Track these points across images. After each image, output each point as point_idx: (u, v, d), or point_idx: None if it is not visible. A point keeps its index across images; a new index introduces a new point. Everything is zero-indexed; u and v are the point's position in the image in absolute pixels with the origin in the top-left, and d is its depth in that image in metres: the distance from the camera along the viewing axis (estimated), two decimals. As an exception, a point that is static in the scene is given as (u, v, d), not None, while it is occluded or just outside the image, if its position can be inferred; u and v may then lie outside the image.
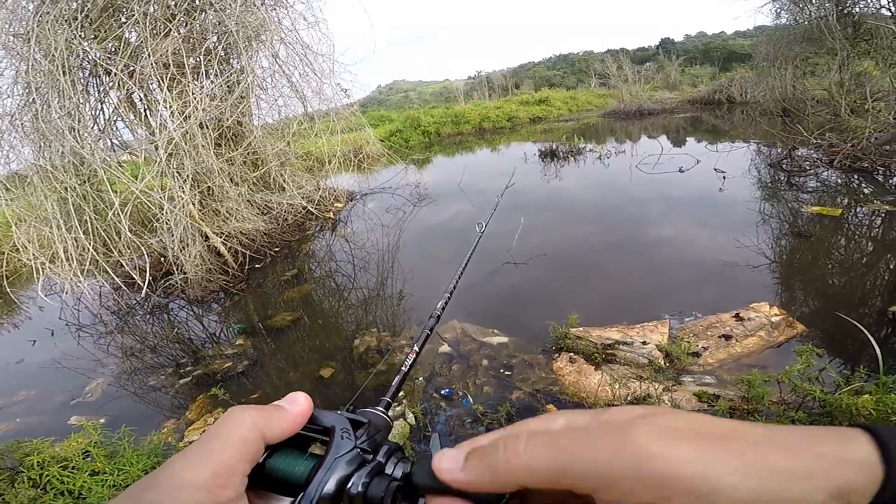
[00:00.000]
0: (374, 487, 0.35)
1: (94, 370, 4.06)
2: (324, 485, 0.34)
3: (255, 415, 0.35)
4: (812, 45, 9.89)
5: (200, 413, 3.16)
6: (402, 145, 13.46)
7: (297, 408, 0.38)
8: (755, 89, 14.59)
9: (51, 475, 1.96)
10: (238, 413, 0.35)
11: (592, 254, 4.93)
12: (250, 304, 4.92)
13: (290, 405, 0.38)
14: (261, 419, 0.35)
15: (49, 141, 4.90)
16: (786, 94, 11.30)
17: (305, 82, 6.77)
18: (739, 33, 36.41)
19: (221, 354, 3.89)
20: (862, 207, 5.08)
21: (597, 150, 10.30)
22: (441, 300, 0.86)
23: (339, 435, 0.38)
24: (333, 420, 0.39)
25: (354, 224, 7.37)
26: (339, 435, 0.38)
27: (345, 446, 0.37)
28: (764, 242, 4.44)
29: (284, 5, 6.70)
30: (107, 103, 5.69)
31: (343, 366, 3.44)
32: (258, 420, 0.35)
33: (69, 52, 4.75)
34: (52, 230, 4.87)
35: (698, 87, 21.22)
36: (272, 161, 6.73)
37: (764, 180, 6.71)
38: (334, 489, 0.34)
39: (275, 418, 0.36)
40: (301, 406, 0.38)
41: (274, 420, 0.36)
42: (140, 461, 2.13)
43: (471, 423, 2.57)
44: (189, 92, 5.03)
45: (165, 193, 4.95)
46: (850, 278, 3.76)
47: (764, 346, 2.92)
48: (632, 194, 6.83)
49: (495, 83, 33.80)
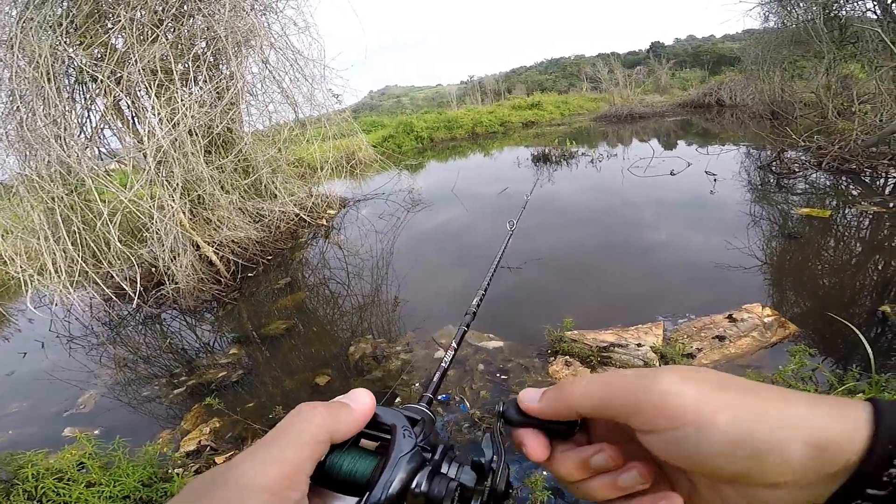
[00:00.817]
0: (435, 487, 0.35)
1: (87, 381, 4.01)
2: (390, 485, 0.34)
3: (324, 413, 0.35)
4: (799, 47, 10.04)
5: (196, 423, 3.13)
6: (395, 151, 13.45)
7: (362, 406, 0.38)
8: (744, 92, 14.79)
9: (46, 487, 1.93)
10: (308, 412, 0.35)
11: (586, 257, 4.94)
12: (243, 312, 4.88)
13: (356, 403, 0.38)
14: (331, 418, 0.35)
15: (34, 150, 4.85)
16: (774, 96, 11.45)
17: (296, 88, 6.76)
18: (728, 37, 36.78)
19: (215, 364, 3.85)
20: (850, 209, 5.14)
21: (589, 154, 10.35)
22: (476, 297, 0.89)
23: (401, 433, 0.38)
24: (393, 418, 0.39)
25: (348, 231, 7.33)
26: (401, 433, 0.38)
27: (407, 445, 0.37)
28: (755, 244, 4.47)
29: (274, 10, 6.70)
30: (93, 111, 5.64)
31: (338, 373, 3.42)
32: (328, 419, 0.35)
33: (54, 58, 4.70)
34: (39, 242, 4.81)
35: (688, 91, 21.46)
36: (263, 168, 6.70)
37: (754, 182, 6.77)
38: (399, 489, 0.34)
39: (342, 418, 0.36)
40: (366, 405, 0.38)
41: (342, 419, 0.36)
42: (136, 472, 2.11)
43: (468, 427, 2.55)
44: (178, 98, 4.98)
45: (155, 202, 4.90)
46: (840, 279, 3.79)
47: (757, 346, 2.93)
48: (624, 197, 6.86)
49: (488, 87, 33.97)
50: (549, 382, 2.87)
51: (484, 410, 2.63)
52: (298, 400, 2.92)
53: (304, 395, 3.20)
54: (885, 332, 2.93)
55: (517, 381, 2.94)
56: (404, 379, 3.19)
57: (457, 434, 2.52)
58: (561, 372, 2.92)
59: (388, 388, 3.10)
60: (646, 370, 0.33)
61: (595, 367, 2.91)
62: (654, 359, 2.88)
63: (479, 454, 0.40)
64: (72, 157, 4.76)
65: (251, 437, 2.83)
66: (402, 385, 3.11)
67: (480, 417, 2.55)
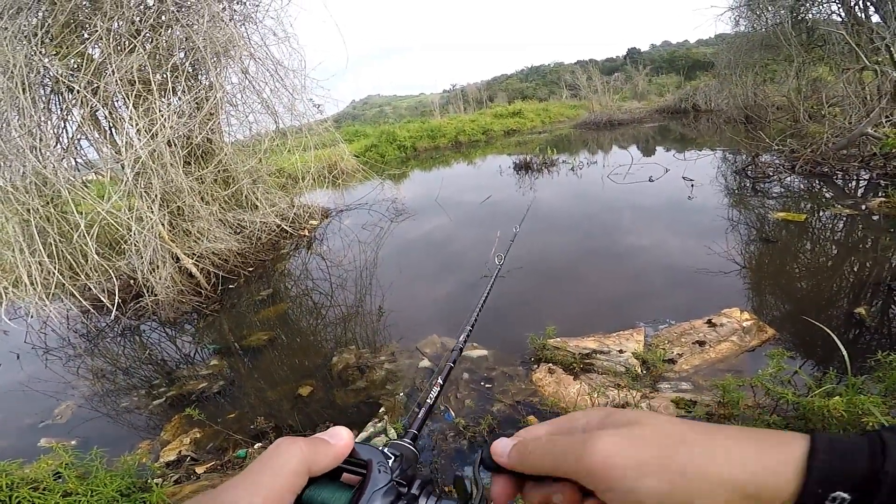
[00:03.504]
0: None
1: (64, 393, 3.95)
2: None
3: (304, 448, 0.37)
4: (770, 51, 10.28)
5: (176, 433, 3.10)
6: (378, 160, 13.43)
7: (340, 442, 0.40)
8: (719, 97, 15.11)
9: (21, 497, 1.88)
10: (288, 445, 0.37)
11: (568, 264, 4.98)
12: (225, 324, 4.81)
13: (334, 439, 0.40)
14: (309, 452, 0.37)
15: (9, 160, 4.74)
16: (747, 100, 11.71)
17: (277, 98, 6.72)
18: (702, 42, 37.48)
19: (196, 375, 3.80)
20: (824, 212, 5.28)
21: (569, 162, 10.49)
22: (463, 333, 0.92)
23: (377, 469, 0.40)
24: (370, 454, 0.41)
25: (330, 241, 7.29)
26: (377, 469, 0.40)
27: (381, 480, 0.39)
28: (733, 248, 4.57)
29: (254, 20, 6.67)
30: (70, 121, 5.53)
31: (322, 383, 3.39)
32: (306, 453, 0.36)
33: (29, 68, 4.62)
34: (14, 254, 4.69)
35: (665, 97, 21.89)
36: (244, 178, 6.64)
37: (730, 187, 6.93)
38: None
39: (321, 452, 0.38)
40: (344, 440, 0.40)
41: (320, 453, 0.38)
42: (114, 482, 2.07)
43: (453, 436, 2.54)
44: (156, 109, 4.92)
45: (133, 214, 4.82)
46: (816, 281, 3.89)
47: (737, 350, 2.98)
48: (605, 204, 6.96)
49: (470, 96, 34.17)
50: (533, 390, 2.88)
51: (469, 419, 2.62)
52: (281, 410, 2.88)
53: (287, 405, 3.17)
54: (861, 334, 3.01)
55: (501, 389, 2.95)
56: (388, 389, 3.18)
57: (442, 443, 2.51)
58: (544, 379, 2.94)
59: (372, 399, 3.09)
60: (589, 433, 0.35)
61: (578, 374, 2.94)
62: (636, 365, 2.92)
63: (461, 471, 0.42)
64: (48, 168, 4.67)
65: (232, 447, 2.80)
66: (387, 395, 3.09)
67: (465, 426, 2.55)
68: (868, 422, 1.63)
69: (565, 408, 2.63)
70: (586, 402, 2.59)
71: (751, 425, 1.97)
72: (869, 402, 1.63)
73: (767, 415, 2.07)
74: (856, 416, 1.68)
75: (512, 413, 2.69)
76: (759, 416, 2.09)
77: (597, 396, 2.52)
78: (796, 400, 1.90)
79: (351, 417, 2.95)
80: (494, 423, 2.56)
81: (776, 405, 2.09)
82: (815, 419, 1.84)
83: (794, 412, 2.00)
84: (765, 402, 2.18)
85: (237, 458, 2.66)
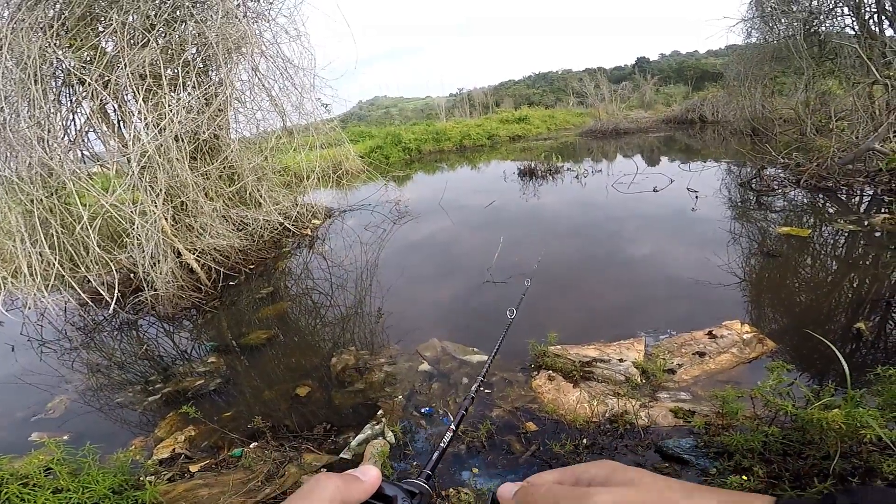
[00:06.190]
0: None
1: (58, 386, 3.92)
2: None
3: (339, 483, 0.41)
4: (780, 63, 10.30)
5: (170, 431, 3.07)
6: (383, 162, 13.46)
7: (370, 479, 0.44)
8: (726, 108, 15.09)
9: (10, 493, 1.85)
10: (325, 481, 0.40)
11: (571, 272, 4.97)
12: (223, 321, 4.81)
13: (365, 476, 0.44)
14: (343, 487, 0.41)
15: (16, 151, 4.75)
16: (755, 112, 11.67)
17: (285, 96, 6.75)
18: (712, 52, 37.49)
19: (193, 372, 3.79)
20: (827, 227, 5.26)
21: (574, 169, 10.49)
22: (476, 383, 0.99)
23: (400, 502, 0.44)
24: (395, 490, 0.45)
25: (332, 241, 7.30)
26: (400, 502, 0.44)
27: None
28: (735, 261, 4.56)
29: (266, 18, 6.70)
30: (79, 114, 5.56)
31: (320, 384, 3.37)
32: (341, 488, 0.40)
33: (42, 60, 4.65)
34: (15, 244, 4.70)
35: (672, 107, 21.88)
36: (249, 176, 6.65)
37: (734, 199, 6.92)
38: None
39: (353, 487, 0.42)
40: (373, 478, 0.44)
41: (353, 488, 0.42)
42: (106, 479, 2.05)
43: (451, 441, 2.53)
44: (165, 103, 4.95)
45: (137, 207, 4.83)
46: (816, 296, 3.87)
47: (736, 362, 2.97)
48: (608, 213, 6.95)
49: (476, 101, 34.25)
50: (533, 397, 2.87)
51: (467, 424, 2.61)
52: (278, 410, 2.87)
53: (284, 405, 3.15)
54: (859, 348, 3.01)
55: (500, 394, 2.93)
56: (387, 391, 3.17)
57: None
58: (544, 386, 2.92)
59: (371, 401, 3.07)
60: (588, 489, 0.38)
61: (578, 381, 2.92)
62: (636, 374, 2.90)
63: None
64: (54, 160, 4.69)
65: (227, 446, 2.78)
66: (385, 398, 3.08)
67: (464, 431, 2.54)
68: (866, 434, 1.63)
69: (564, 415, 2.62)
70: (586, 409, 2.58)
71: (749, 436, 1.96)
72: (867, 415, 1.63)
73: (766, 426, 2.06)
74: (853, 429, 1.68)
75: (511, 419, 2.68)
76: (757, 427, 2.08)
77: (596, 404, 2.51)
78: (795, 412, 1.89)
79: (348, 419, 2.94)
80: (493, 428, 2.55)
81: (774, 416, 2.08)
82: (813, 430, 1.83)
83: (793, 424, 1.99)
84: (763, 413, 2.17)
85: (232, 457, 2.64)
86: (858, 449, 1.75)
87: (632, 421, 2.43)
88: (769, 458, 1.97)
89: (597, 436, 2.41)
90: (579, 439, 2.38)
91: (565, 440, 2.34)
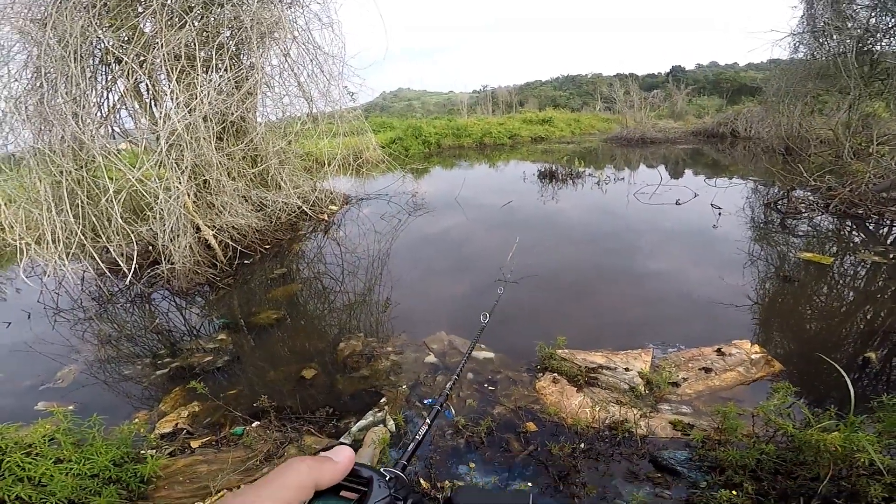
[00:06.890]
0: None
1: (68, 356, 3.98)
2: None
3: (311, 464, 0.41)
4: (825, 81, 9.86)
5: (175, 405, 3.12)
6: (402, 153, 13.52)
7: (344, 460, 0.44)
8: (761, 125, 14.58)
9: (11, 462, 1.87)
10: (297, 462, 0.41)
11: (584, 277, 4.96)
12: (235, 299, 4.89)
13: (339, 457, 0.44)
14: (315, 469, 0.41)
15: (51, 125, 4.90)
16: (791, 131, 11.25)
17: (313, 83, 6.83)
18: (752, 65, 36.43)
19: (201, 348, 3.85)
20: (850, 256, 5.14)
21: (596, 176, 10.41)
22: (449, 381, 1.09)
23: (377, 484, 0.45)
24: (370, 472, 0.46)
25: (347, 228, 7.37)
26: (377, 484, 0.45)
27: (381, 493, 0.44)
28: (750, 284, 4.48)
29: (300, 4, 6.77)
30: (113, 91, 5.70)
31: (326, 368, 3.43)
32: (313, 469, 0.41)
33: (83, 38, 4.79)
34: (41, 212, 4.84)
35: (703, 119, 21.33)
36: (272, 159, 6.74)
37: (758, 220, 6.75)
38: None
39: (326, 468, 0.42)
40: (347, 458, 0.44)
41: (326, 470, 0.42)
42: (109, 451, 2.08)
43: (451, 434, 2.56)
44: (197, 84, 5.05)
45: (161, 183, 4.94)
46: (828, 324, 3.81)
47: (741, 381, 2.95)
48: (628, 223, 6.89)
49: (500, 99, 34.10)
50: (535, 398, 2.89)
51: (469, 419, 2.64)
52: (283, 391, 2.91)
53: (289, 386, 3.21)
54: (864, 376, 2.98)
55: (504, 392, 2.96)
56: (392, 380, 3.21)
57: (439, 440, 2.53)
58: (548, 388, 2.94)
59: (375, 388, 3.12)
60: None
61: (582, 386, 2.93)
62: (641, 384, 2.90)
63: None
64: (86, 135, 4.81)
65: (230, 423, 2.83)
66: (389, 386, 3.12)
67: (464, 426, 2.56)
68: (860, 458, 1.64)
69: (566, 418, 2.64)
70: (587, 414, 2.59)
71: (745, 453, 1.97)
72: (865, 440, 1.64)
73: (762, 444, 2.06)
74: (849, 452, 1.70)
75: (512, 418, 2.70)
76: (753, 444, 2.08)
77: (598, 410, 2.52)
78: (794, 432, 1.89)
79: (351, 404, 2.99)
80: (493, 425, 2.57)
81: (772, 436, 2.08)
82: (808, 451, 1.84)
83: (789, 444, 1.99)
84: (761, 431, 2.16)
85: (234, 434, 2.68)
86: (849, 473, 1.74)
87: (631, 429, 2.43)
88: (760, 476, 1.97)
89: (595, 441, 2.42)
90: (577, 443, 2.39)
91: (563, 443, 2.36)
